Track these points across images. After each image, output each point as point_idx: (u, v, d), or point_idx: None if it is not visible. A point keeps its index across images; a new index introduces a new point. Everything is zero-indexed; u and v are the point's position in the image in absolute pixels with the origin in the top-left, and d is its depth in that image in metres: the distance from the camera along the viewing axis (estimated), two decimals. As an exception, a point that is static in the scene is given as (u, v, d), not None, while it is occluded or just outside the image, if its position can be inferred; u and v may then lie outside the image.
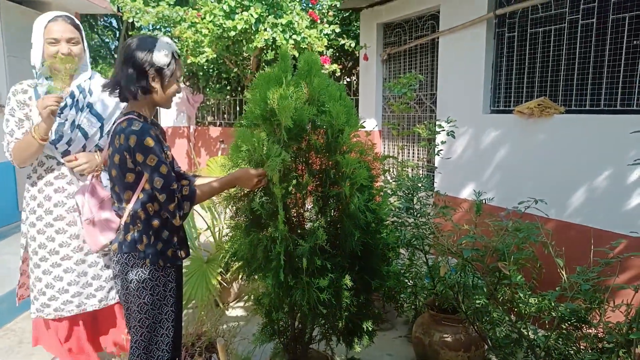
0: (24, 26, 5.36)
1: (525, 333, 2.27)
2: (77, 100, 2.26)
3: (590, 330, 2.10)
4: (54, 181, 2.29)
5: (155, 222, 1.82)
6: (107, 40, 15.54)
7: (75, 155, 2.25)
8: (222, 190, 1.96)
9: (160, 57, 1.75)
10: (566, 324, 2.17)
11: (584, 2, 3.33)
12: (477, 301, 2.49)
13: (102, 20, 14.37)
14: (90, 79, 2.35)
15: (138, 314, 1.85)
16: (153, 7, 6.21)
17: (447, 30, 4.46)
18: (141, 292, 1.83)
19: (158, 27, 6.55)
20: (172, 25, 6.17)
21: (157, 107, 1.95)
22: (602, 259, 2.10)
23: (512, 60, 3.93)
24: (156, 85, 1.79)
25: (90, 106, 2.29)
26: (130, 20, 6.21)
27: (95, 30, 14.11)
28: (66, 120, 2.22)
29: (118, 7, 6.35)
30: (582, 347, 2.15)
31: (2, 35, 4.96)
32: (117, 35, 13.95)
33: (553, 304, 2.19)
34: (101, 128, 2.32)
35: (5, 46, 5.01)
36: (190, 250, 3.45)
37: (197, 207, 3.68)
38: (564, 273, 2.13)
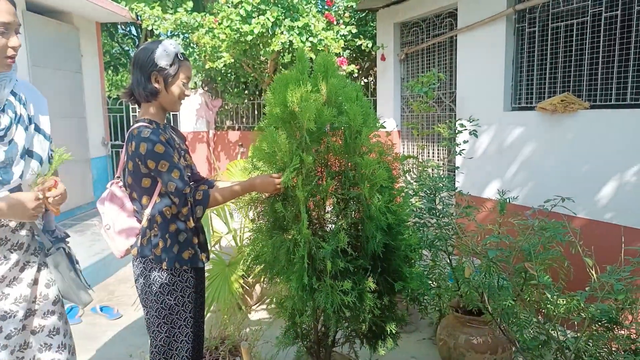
0: (47, 36, 5.49)
1: (554, 335, 2.21)
2: (20, 115, 1.59)
3: (622, 332, 2.04)
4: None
5: (173, 226, 1.83)
6: (127, 48, 15.81)
7: (46, 178, 1.62)
8: (241, 195, 1.98)
9: (162, 57, 1.79)
10: (597, 325, 2.11)
11: (607, -6, 3.25)
12: (503, 302, 2.43)
13: (122, 28, 14.62)
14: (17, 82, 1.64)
15: (157, 318, 1.87)
16: (171, 14, 6.29)
17: (465, 28, 4.40)
18: (159, 296, 1.85)
19: (176, 33, 6.63)
20: (190, 31, 6.24)
21: (170, 112, 1.97)
22: (633, 257, 2.03)
23: (533, 56, 3.85)
24: (159, 85, 1.82)
25: (31, 120, 1.65)
26: (150, 27, 6.30)
27: (115, 38, 14.37)
28: (12, 140, 1.56)
29: (137, 15, 6.45)
30: (614, 348, 2.08)
31: (26, 46, 5.07)
32: (137, 43, 14.18)
33: (582, 305, 2.13)
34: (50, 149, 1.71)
35: (29, 56, 5.13)
36: (211, 255, 3.48)
37: (218, 210, 3.72)
38: (593, 273, 2.07)
